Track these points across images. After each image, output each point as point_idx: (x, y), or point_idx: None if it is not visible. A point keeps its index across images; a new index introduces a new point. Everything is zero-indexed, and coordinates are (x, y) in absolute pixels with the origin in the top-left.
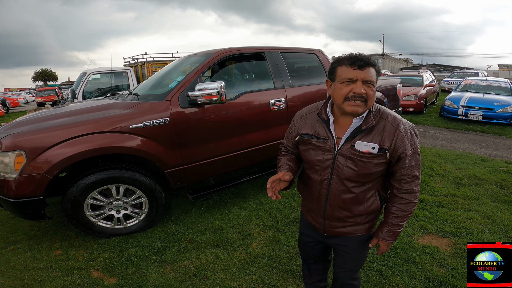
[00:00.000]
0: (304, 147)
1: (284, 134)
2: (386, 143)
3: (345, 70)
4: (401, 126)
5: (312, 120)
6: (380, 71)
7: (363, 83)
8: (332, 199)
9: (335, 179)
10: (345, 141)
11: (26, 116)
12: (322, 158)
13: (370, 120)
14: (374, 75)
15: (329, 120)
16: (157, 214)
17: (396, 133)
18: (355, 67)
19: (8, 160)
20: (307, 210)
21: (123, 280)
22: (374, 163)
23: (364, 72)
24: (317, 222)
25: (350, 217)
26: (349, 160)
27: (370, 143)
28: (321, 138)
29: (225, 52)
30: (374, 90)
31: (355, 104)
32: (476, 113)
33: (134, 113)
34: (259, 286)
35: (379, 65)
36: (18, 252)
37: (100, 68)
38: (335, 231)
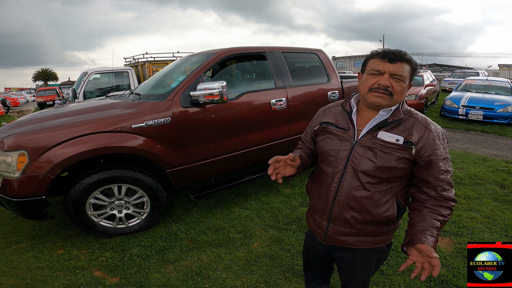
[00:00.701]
0: (322, 137)
1: (284, 133)
2: (413, 138)
3: (375, 62)
4: (432, 126)
5: (335, 112)
6: (417, 69)
7: (391, 76)
8: (342, 196)
9: (350, 172)
10: (367, 132)
11: (29, 116)
12: (338, 148)
13: (398, 113)
14: (405, 71)
15: (352, 111)
16: (159, 213)
17: (427, 132)
18: (385, 59)
19: (10, 159)
20: (311, 212)
21: (125, 280)
22: (397, 156)
23: (393, 66)
24: (318, 227)
25: (359, 222)
26: (368, 150)
27: (394, 135)
28: (341, 128)
29: (226, 52)
30: (403, 86)
31: (379, 95)
32: (477, 113)
33: (136, 113)
34: (260, 285)
35: (416, 65)
36: (20, 251)
37: (101, 68)
38: (338, 239)
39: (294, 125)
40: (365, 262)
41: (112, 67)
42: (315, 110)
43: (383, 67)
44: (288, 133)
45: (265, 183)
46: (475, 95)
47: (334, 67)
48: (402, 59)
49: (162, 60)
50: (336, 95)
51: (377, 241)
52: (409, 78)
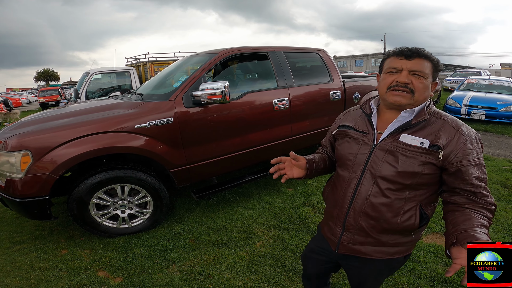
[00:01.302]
0: (340, 141)
1: (287, 133)
2: (441, 141)
3: (392, 61)
4: (463, 129)
5: (354, 115)
6: (440, 65)
7: (410, 73)
8: (358, 203)
9: (368, 177)
10: (388, 135)
11: (32, 116)
12: (356, 151)
13: (423, 114)
14: (426, 67)
15: (372, 113)
16: (162, 213)
17: (457, 135)
18: (401, 57)
19: (14, 160)
20: (326, 219)
21: (129, 280)
22: (421, 160)
23: (411, 62)
24: (332, 234)
25: (375, 231)
26: (389, 154)
27: (419, 138)
28: (360, 131)
29: (229, 52)
30: (425, 83)
31: (398, 94)
32: (479, 112)
33: (138, 113)
34: (263, 285)
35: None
36: (24, 252)
37: (103, 68)
38: (352, 248)
39: (296, 124)
40: (378, 272)
41: (114, 67)
42: (317, 110)
43: (400, 64)
44: (291, 133)
45: (267, 183)
46: (477, 94)
47: (336, 67)
48: (420, 55)
49: (163, 60)
50: (338, 95)
51: (394, 251)
52: (431, 75)
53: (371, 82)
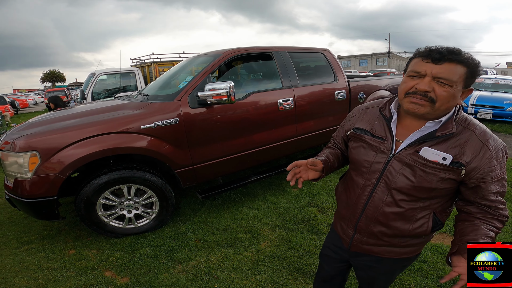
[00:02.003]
0: (355, 144)
1: (292, 133)
2: (464, 158)
3: (417, 62)
4: (491, 142)
5: (371, 116)
6: (477, 70)
7: (434, 79)
8: (370, 210)
9: (382, 187)
10: (408, 145)
11: (39, 117)
12: (372, 159)
13: (450, 126)
14: (455, 73)
15: (392, 118)
16: (167, 213)
17: (483, 150)
18: (427, 59)
19: (22, 160)
20: (338, 218)
21: (135, 280)
22: (440, 177)
23: (438, 67)
24: (344, 234)
25: (386, 236)
26: (407, 167)
27: (441, 153)
28: (377, 137)
29: (233, 52)
30: (450, 91)
31: (415, 101)
32: (486, 112)
33: (144, 114)
34: (269, 285)
35: (475, 66)
36: (32, 252)
37: (109, 69)
38: (363, 248)
39: (301, 124)
40: (389, 270)
41: (119, 68)
42: (322, 110)
43: (424, 69)
44: (296, 133)
45: (272, 183)
46: (484, 93)
47: (341, 67)
48: (452, 60)
49: (168, 61)
50: (343, 95)
51: (405, 251)
52: (463, 82)
53: (376, 82)
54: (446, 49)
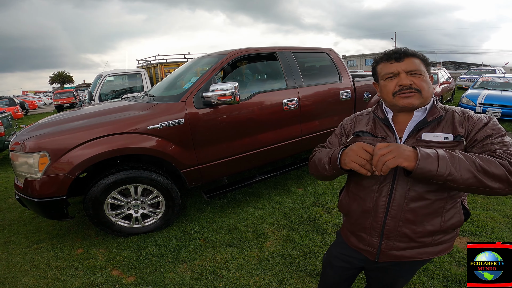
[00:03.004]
0: None
1: (296, 133)
2: (460, 131)
3: (384, 67)
4: (472, 114)
5: (366, 120)
6: (427, 60)
7: (408, 74)
8: (395, 209)
9: (401, 183)
10: (408, 136)
11: (48, 118)
12: None
13: (436, 111)
14: (418, 64)
15: (388, 117)
16: (173, 213)
17: (467, 119)
18: (391, 60)
19: (32, 161)
20: (354, 230)
21: (142, 279)
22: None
23: (404, 64)
24: (368, 245)
25: (420, 235)
26: None
27: (441, 134)
28: (379, 137)
29: (238, 52)
30: (425, 80)
31: (408, 95)
32: (494, 111)
33: (151, 114)
34: (273, 284)
35: (424, 56)
36: (41, 251)
37: (116, 70)
38: (394, 255)
39: (306, 125)
40: (409, 271)
41: (126, 69)
42: (327, 110)
43: (395, 68)
44: (300, 133)
45: (277, 183)
46: (492, 92)
47: (346, 66)
48: (408, 55)
49: (173, 62)
50: (348, 94)
51: (439, 250)
52: (426, 71)
53: None
54: (398, 49)
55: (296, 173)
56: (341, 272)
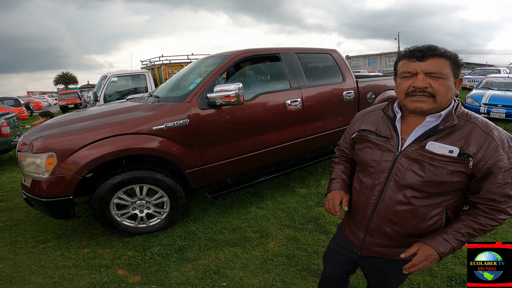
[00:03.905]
0: (361, 146)
1: (300, 134)
2: (471, 149)
3: (404, 64)
4: (495, 133)
5: (375, 118)
6: (458, 61)
7: (427, 75)
8: (381, 210)
9: (391, 185)
10: (413, 142)
11: (55, 119)
12: (379, 158)
13: (451, 119)
14: (443, 66)
15: (396, 117)
16: (178, 213)
17: (488, 140)
18: (413, 59)
19: (40, 161)
20: (348, 222)
21: (147, 278)
22: (449, 169)
23: (426, 64)
24: (355, 237)
25: (400, 235)
26: (415, 163)
27: (448, 146)
28: (383, 137)
29: (241, 53)
30: (445, 84)
31: (418, 99)
32: (499, 111)
33: (156, 115)
34: (277, 284)
35: (455, 57)
36: (48, 250)
37: (120, 71)
38: (375, 251)
39: (309, 125)
40: (400, 270)
41: (131, 70)
42: (330, 110)
43: (413, 67)
44: (304, 133)
45: (280, 183)
46: (497, 92)
47: (349, 67)
48: (434, 55)
49: (177, 63)
50: (351, 95)
51: None
52: (452, 73)
53: (385, 82)
54: (425, 46)
55: (300, 174)
56: (337, 265)
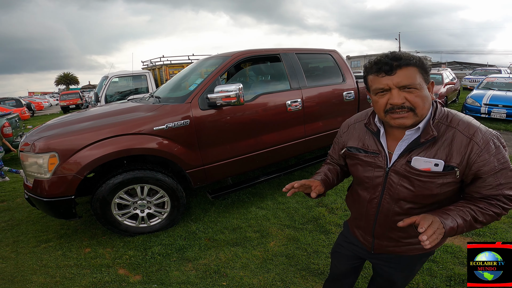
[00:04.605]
0: (351, 162)
1: (300, 134)
2: (454, 159)
3: (374, 79)
4: (477, 136)
5: (360, 131)
6: (426, 67)
7: (401, 89)
8: (382, 219)
9: (387, 199)
10: (399, 156)
11: (57, 119)
12: (372, 175)
13: (430, 130)
14: (412, 76)
15: (380, 132)
16: (179, 213)
17: (471, 145)
18: (381, 73)
19: (42, 161)
20: (355, 225)
21: (147, 277)
22: (438, 183)
23: (396, 77)
24: (365, 240)
25: (405, 238)
26: (404, 178)
27: (433, 159)
28: (371, 152)
29: (242, 54)
30: (421, 94)
31: (400, 116)
32: (500, 111)
33: (157, 116)
34: (277, 283)
35: (421, 62)
36: (49, 250)
37: (121, 72)
38: (387, 250)
39: (309, 125)
40: (408, 265)
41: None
42: (330, 111)
43: (385, 83)
44: (304, 133)
45: (281, 183)
46: (497, 93)
47: (349, 67)
48: (401, 65)
49: (178, 63)
50: (351, 95)
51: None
52: (423, 80)
53: None
54: (391, 58)
55: (300, 174)
56: (346, 261)
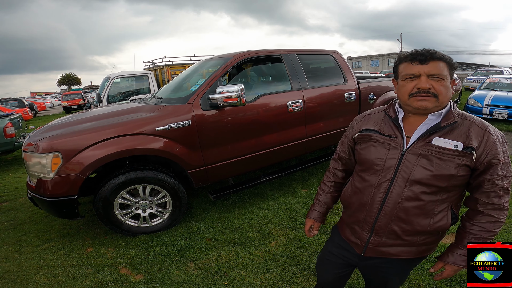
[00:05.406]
0: (364, 145)
1: (301, 134)
2: (473, 143)
3: (406, 67)
4: (490, 129)
5: (376, 119)
6: (454, 64)
7: (429, 77)
8: (389, 207)
9: (399, 182)
10: (417, 139)
11: (60, 120)
12: (385, 156)
13: (452, 116)
14: (442, 68)
15: (398, 117)
16: (180, 213)
17: (486, 135)
18: (415, 62)
19: (45, 161)
20: (349, 222)
21: (149, 277)
22: (457, 163)
23: (427, 66)
24: (358, 237)
25: (407, 234)
26: (423, 158)
27: (452, 141)
28: (387, 135)
29: (243, 55)
30: (445, 85)
31: (422, 98)
32: (501, 112)
33: (159, 116)
34: (278, 283)
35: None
36: (52, 249)
37: (123, 72)
38: (380, 251)
39: (310, 126)
40: (400, 270)
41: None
42: (332, 111)
43: (417, 70)
44: (305, 134)
45: (282, 183)
46: (499, 93)
47: (350, 68)
48: (434, 58)
49: (180, 64)
50: (352, 96)
51: (422, 250)
52: (449, 75)
53: (386, 83)
54: (426, 50)
55: (301, 174)
56: (333, 269)
